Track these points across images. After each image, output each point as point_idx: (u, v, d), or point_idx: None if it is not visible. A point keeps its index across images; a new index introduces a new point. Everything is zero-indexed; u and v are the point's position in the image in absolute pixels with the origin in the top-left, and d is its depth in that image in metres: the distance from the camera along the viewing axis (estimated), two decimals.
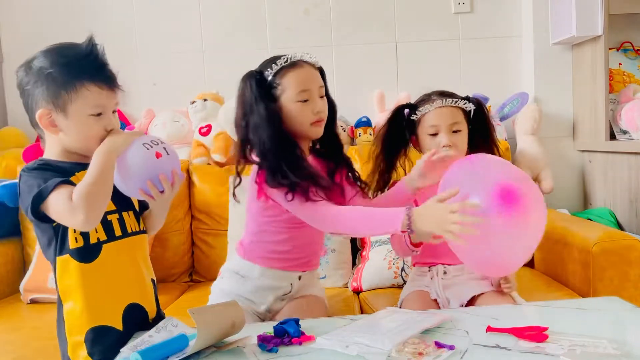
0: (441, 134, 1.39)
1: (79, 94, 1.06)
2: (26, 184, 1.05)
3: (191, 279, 2.12)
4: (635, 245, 1.59)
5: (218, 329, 0.97)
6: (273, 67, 1.32)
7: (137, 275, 1.17)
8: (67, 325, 1.11)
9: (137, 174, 1.09)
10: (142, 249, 1.20)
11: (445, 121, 1.39)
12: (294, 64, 1.32)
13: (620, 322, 1.10)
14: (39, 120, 1.08)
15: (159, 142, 1.12)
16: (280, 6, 2.40)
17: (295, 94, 1.30)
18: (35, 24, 2.40)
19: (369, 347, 0.92)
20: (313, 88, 1.32)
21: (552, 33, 2.30)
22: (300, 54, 1.34)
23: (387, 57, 2.42)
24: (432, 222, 1.13)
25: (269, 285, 1.40)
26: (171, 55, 2.40)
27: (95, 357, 1.09)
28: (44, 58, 1.09)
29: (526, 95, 2.32)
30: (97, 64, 1.09)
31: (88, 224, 1.01)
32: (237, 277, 1.42)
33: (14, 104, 2.43)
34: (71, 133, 1.09)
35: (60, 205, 1.00)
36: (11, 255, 2.04)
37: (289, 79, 1.31)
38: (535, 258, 1.96)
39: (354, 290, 1.86)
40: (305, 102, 1.31)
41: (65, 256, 1.08)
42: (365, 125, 2.31)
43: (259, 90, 1.31)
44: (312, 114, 1.32)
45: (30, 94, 1.08)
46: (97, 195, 1.01)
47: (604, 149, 2.19)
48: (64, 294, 1.11)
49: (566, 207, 2.32)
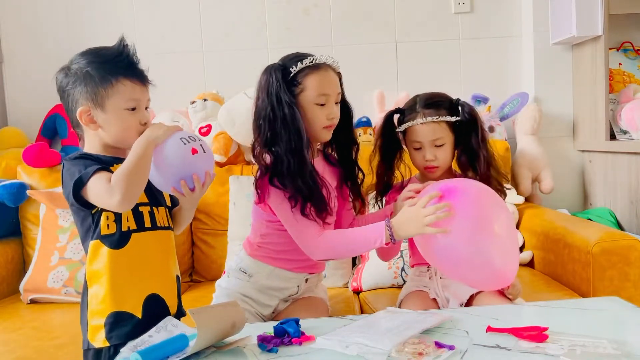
0: (424, 149, 1.42)
1: (114, 89, 1.13)
2: (68, 172, 1.11)
3: (191, 279, 2.12)
4: (635, 245, 1.59)
5: (218, 329, 0.97)
6: (297, 65, 1.31)
7: (162, 268, 1.21)
8: (89, 310, 1.15)
9: (172, 167, 1.12)
10: (170, 244, 1.24)
11: (427, 137, 1.41)
12: (317, 66, 1.32)
13: (620, 322, 1.10)
14: (80, 117, 1.14)
15: (196, 139, 1.16)
16: (280, 6, 2.40)
17: (315, 96, 1.31)
18: (35, 24, 2.40)
19: (369, 347, 0.92)
20: (332, 93, 1.33)
21: (552, 33, 2.30)
22: (325, 57, 1.34)
23: (387, 57, 2.42)
24: (411, 226, 1.21)
25: (276, 286, 1.40)
26: (171, 55, 2.40)
27: (113, 341, 1.13)
28: (81, 59, 1.16)
29: (526, 95, 2.32)
30: (130, 61, 1.17)
31: (124, 205, 1.07)
32: (244, 275, 1.41)
33: (14, 104, 2.43)
34: (109, 127, 1.15)
35: (99, 186, 1.06)
36: (11, 255, 2.04)
37: (311, 80, 1.31)
38: (535, 258, 1.96)
39: (354, 290, 1.86)
40: (322, 105, 1.32)
41: (96, 241, 1.14)
42: (365, 125, 2.31)
43: (284, 85, 1.30)
44: (326, 119, 1.33)
45: (70, 94, 1.15)
46: (135, 178, 1.07)
47: (604, 149, 2.19)
48: (91, 278, 1.16)
49: (566, 207, 2.32)
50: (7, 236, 2.10)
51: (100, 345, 1.13)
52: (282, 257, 1.39)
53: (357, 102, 2.39)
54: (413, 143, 1.44)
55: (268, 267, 1.40)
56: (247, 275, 1.40)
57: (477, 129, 1.43)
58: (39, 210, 1.99)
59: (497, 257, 1.20)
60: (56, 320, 1.71)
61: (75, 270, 1.86)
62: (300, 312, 1.37)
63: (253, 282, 1.40)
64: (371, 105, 2.39)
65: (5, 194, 1.99)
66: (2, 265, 1.98)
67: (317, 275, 1.48)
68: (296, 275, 1.41)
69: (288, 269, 1.40)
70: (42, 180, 2.06)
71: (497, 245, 1.21)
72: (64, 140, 2.30)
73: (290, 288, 1.42)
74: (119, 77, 1.13)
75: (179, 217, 1.30)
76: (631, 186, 2.03)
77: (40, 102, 2.32)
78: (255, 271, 1.40)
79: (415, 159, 1.46)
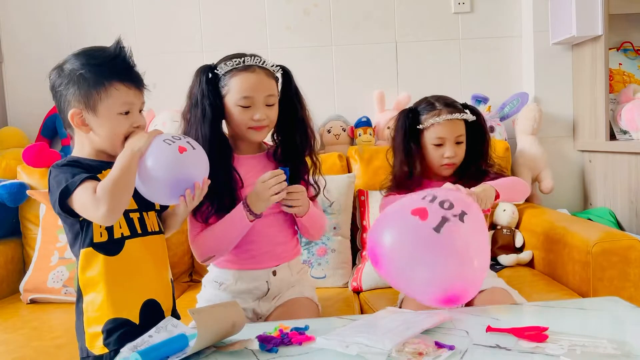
0: (446, 146, 1.48)
1: (108, 93, 1.12)
2: (55, 179, 1.10)
3: (191, 279, 2.12)
4: (635, 245, 1.59)
5: (218, 329, 0.97)
6: (224, 67, 1.35)
7: (157, 273, 1.20)
8: (85, 317, 1.14)
9: (163, 171, 1.10)
10: (162, 249, 1.24)
11: (451, 134, 1.48)
12: (246, 68, 1.34)
13: (620, 322, 1.10)
14: (71, 119, 1.13)
15: (180, 137, 1.15)
16: (280, 6, 2.40)
17: (237, 98, 1.33)
18: (35, 24, 2.40)
19: (369, 347, 0.92)
20: (257, 96, 1.33)
21: (552, 33, 2.30)
22: (259, 60, 1.35)
23: (387, 57, 2.42)
24: (260, 199, 1.28)
25: (245, 289, 1.40)
26: (171, 55, 2.40)
27: (111, 347, 1.12)
28: (75, 60, 1.14)
29: (526, 95, 2.33)
30: (125, 65, 1.15)
31: (109, 218, 1.05)
32: (216, 284, 1.42)
33: (14, 104, 2.43)
34: (101, 131, 1.14)
35: (84, 198, 1.05)
36: (11, 255, 2.04)
37: (235, 82, 1.34)
38: (535, 258, 1.96)
39: (354, 290, 1.86)
40: (246, 107, 1.34)
41: (89, 249, 1.12)
42: (365, 125, 2.31)
43: (208, 87, 1.34)
44: (251, 120, 1.34)
45: (63, 95, 1.14)
46: (120, 190, 1.05)
47: (604, 149, 2.19)
48: (85, 286, 1.14)
49: (566, 207, 2.32)
50: (7, 236, 2.10)
51: (99, 352, 1.13)
52: (236, 258, 1.40)
53: (357, 102, 2.44)
54: (435, 139, 1.48)
55: (233, 272, 1.40)
56: (218, 284, 1.42)
57: (484, 130, 1.52)
58: (39, 210, 1.99)
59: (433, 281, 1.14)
60: (56, 320, 1.71)
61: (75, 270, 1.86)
62: (287, 316, 1.34)
63: (224, 289, 1.41)
64: (371, 105, 2.39)
65: (5, 194, 1.99)
66: (2, 265, 1.98)
67: (286, 266, 1.43)
68: (260, 272, 1.40)
69: (250, 268, 1.40)
70: (42, 180, 2.06)
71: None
72: (64, 140, 2.31)
73: (260, 287, 1.40)
74: (113, 81, 1.12)
75: (172, 221, 1.29)
76: (631, 186, 2.03)
77: (40, 102, 2.31)
78: (224, 279, 1.42)
79: (433, 156, 1.50)
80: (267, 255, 1.40)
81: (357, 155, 2.13)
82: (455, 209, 1.13)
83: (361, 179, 2.09)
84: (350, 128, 2.35)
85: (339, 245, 1.95)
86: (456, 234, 1.11)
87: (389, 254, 1.16)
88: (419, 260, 1.11)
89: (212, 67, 1.37)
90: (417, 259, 1.11)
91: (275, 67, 1.39)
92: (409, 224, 1.13)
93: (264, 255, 1.40)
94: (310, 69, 2.39)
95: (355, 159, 2.14)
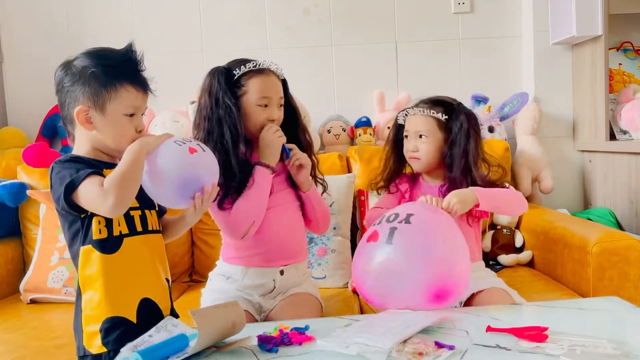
0: (409, 140, 1.53)
1: (118, 94, 1.13)
2: (58, 175, 1.10)
3: (191, 279, 2.12)
4: (635, 245, 1.59)
5: (218, 330, 0.97)
6: (241, 68, 1.40)
7: (154, 272, 1.20)
8: (83, 316, 1.14)
9: (173, 170, 1.12)
10: (160, 248, 1.24)
11: (412, 128, 1.52)
12: (261, 71, 1.41)
13: (620, 322, 1.10)
14: (76, 116, 1.13)
15: (191, 140, 1.17)
16: (280, 6, 2.40)
17: (257, 98, 1.40)
18: (36, 24, 2.40)
19: (369, 347, 0.92)
20: (274, 97, 1.42)
21: (552, 33, 2.30)
22: (269, 63, 1.43)
23: (387, 57, 2.42)
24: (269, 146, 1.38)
25: (251, 285, 1.43)
26: (171, 55, 2.40)
27: (109, 346, 1.12)
28: (86, 58, 1.14)
29: (526, 95, 2.33)
30: (136, 68, 1.17)
31: (117, 210, 1.06)
32: (223, 277, 1.46)
33: (14, 104, 2.44)
34: (105, 131, 1.14)
35: (91, 191, 1.05)
36: (11, 255, 2.04)
37: (253, 83, 1.40)
38: (535, 258, 1.96)
39: (354, 290, 1.86)
40: (264, 107, 1.40)
41: (88, 246, 1.13)
42: (365, 125, 2.31)
43: (227, 87, 1.38)
44: (267, 120, 1.41)
45: (69, 91, 1.14)
46: (128, 184, 1.06)
47: (604, 149, 2.20)
48: (84, 284, 1.14)
49: (566, 207, 2.32)
50: (7, 236, 2.10)
51: (97, 351, 1.12)
52: (246, 254, 1.43)
53: (357, 102, 2.44)
54: (404, 132, 1.55)
55: (242, 268, 1.44)
56: (225, 277, 1.45)
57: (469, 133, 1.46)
58: (39, 210, 1.99)
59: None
60: (56, 320, 1.71)
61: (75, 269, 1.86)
62: (290, 309, 1.38)
63: (231, 282, 1.44)
64: (371, 105, 2.39)
65: (5, 194, 1.99)
66: (2, 265, 1.98)
67: (294, 267, 1.47)
68: (268, 270, 1.43)
69: (258, 265, 1.43)
70: (42, 180, 2.06)
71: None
72: (64, 140, 2.31)
73: (266, 284, 1.43)
74: (124, 83, 1.13)
75: (179, 226, 1.30)
76: (631, 186, 2.03)
77: (40, 102, 2.32)
78: (231, 273, 1.45)
79: (404, 150, 1.55)
80: (277, 254, 1.44)
81: (357, 155, 2.14)
82: (401, 216, 1.21)
83: (361, 179, 2.08)
84: (350, 128, 2.35)
85: (339, 246, 1.95)
86: (407, 235, 1.18)
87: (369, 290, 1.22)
88: (390, 276, 1.16)
89: (226, 69, 1.42)
90: (388, 276, 1.16)
91: (282, 72, 1.47)
92: (369, 252, 1.21)
93: (274, 254, 1.43)
94: (311, 68, 2.39)
95: (355, 159, 2.14)
